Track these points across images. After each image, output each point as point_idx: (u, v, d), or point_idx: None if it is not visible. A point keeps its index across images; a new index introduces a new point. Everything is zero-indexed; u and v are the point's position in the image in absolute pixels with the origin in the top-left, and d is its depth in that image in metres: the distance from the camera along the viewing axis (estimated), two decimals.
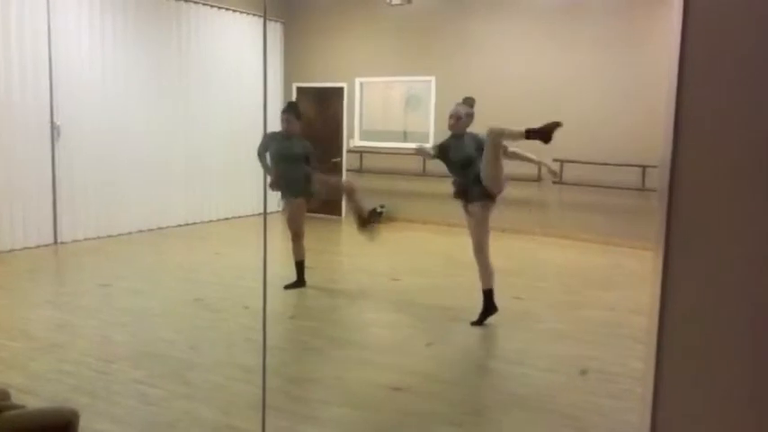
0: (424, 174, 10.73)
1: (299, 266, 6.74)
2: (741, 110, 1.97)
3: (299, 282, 6.71)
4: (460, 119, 5.65)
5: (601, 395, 4.27)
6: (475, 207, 5.56)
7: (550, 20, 9.68)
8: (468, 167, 5.53)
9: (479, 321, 5.65)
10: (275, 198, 11.38)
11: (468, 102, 5.76)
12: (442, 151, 5.77)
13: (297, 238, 6.66)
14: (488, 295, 5.66)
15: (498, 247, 9.18)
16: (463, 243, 6.46)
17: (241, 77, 10.87)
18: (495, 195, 5.52)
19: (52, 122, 8.37)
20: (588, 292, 6.85)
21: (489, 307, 5.67)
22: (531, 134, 5.06)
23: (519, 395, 4.25)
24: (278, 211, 7.08)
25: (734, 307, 2.03)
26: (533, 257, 8.64)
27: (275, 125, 6.64)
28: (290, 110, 6.64)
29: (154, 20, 9.65)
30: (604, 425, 3.87)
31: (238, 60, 10.87)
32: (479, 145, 5.49)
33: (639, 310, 5.97)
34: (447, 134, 5.82)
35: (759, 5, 1.88)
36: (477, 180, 5.46)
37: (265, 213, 6.04)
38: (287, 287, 6.62)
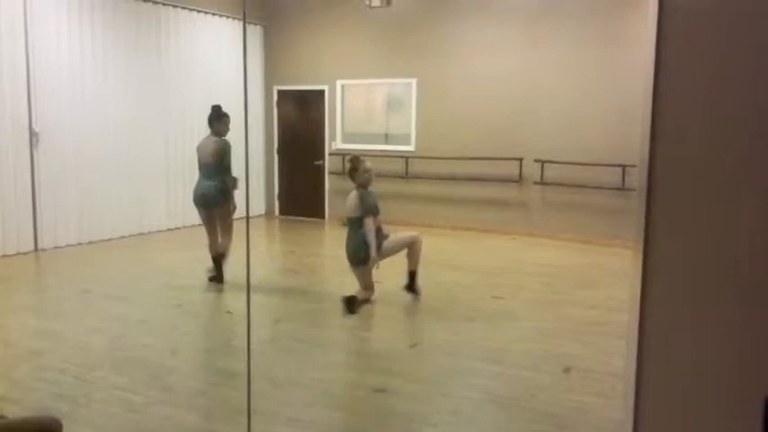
0: (406, 176, 10.75)
1: None
2: (717, 108, 1.99)
3: None
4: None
5: (582, 393, 4.29)
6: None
7: (529, 21, 9.74)
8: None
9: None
10: (257, 203, 11.41)
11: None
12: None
13: None
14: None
15: (480, 247, 9.27)
16: (443, 244, 6.50)
17: (221, 81, 10.82)
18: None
19: (31, 129, 8.29)
20: (569, 291, 6.89)
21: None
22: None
23: (499, 394, 4.26)
24: (260, 215, 7.09)
25: (713, 304, 2.06)
26: (515, 257, 8.68)
27: (255, 128, 6.61)
28: None
29: (133, 24, 9.58)
30: (586, 423, 3.89)
31: (219, 64, 10.81)
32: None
33: (620, 308, 6.01)
34: (427, 136, 5.92)
35: (733, 4, 1.91)
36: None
37: (248, 218, 6.05)
38: None
